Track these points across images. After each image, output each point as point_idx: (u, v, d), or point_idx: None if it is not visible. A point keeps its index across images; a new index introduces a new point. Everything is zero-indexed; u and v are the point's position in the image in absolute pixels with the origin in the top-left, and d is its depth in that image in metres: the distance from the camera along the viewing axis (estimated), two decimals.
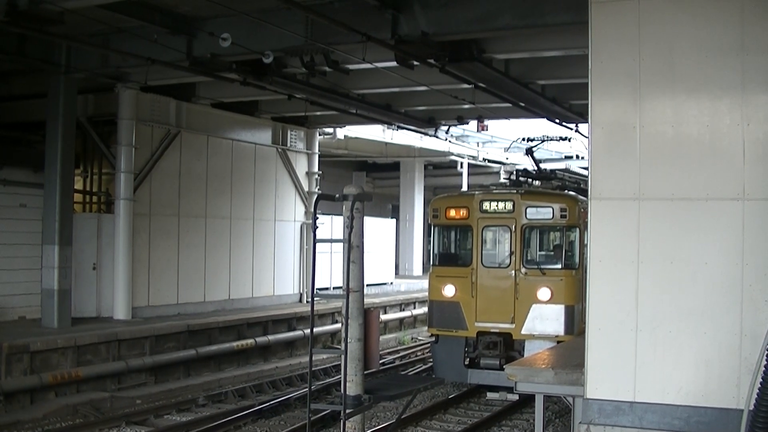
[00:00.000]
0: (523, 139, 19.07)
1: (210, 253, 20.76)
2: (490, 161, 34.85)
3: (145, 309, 18.73)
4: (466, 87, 16.95)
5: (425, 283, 17.34)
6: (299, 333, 20.39)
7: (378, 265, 28.80)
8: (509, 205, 14.88)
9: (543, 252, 15.36)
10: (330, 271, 24.61)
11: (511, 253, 14.77)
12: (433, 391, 15.54)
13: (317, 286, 22.54)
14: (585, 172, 24.94)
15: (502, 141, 33.93)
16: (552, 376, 8.70)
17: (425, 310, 19.88)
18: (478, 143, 34.23)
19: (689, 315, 7.43)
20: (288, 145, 23.68)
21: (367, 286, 11.30)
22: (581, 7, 8.37)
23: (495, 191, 15.61)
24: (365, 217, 7.95)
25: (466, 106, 19.51)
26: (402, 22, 12.94)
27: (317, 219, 8.12)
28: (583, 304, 11.29)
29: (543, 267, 14.71)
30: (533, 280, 14.53)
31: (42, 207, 17.08)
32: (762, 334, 6.80)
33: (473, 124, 28.24)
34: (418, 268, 35.21)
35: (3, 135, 18.97)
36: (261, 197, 22.72)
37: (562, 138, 19.09)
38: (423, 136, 27.81)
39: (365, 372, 7.83)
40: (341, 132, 26.66)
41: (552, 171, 19.39)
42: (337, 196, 7.74)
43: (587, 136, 8.28)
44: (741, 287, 7.25)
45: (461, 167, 33.38)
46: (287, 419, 13.94)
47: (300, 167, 24.28)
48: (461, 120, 23.33)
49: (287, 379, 17.26)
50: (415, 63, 14.58)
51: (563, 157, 33.83)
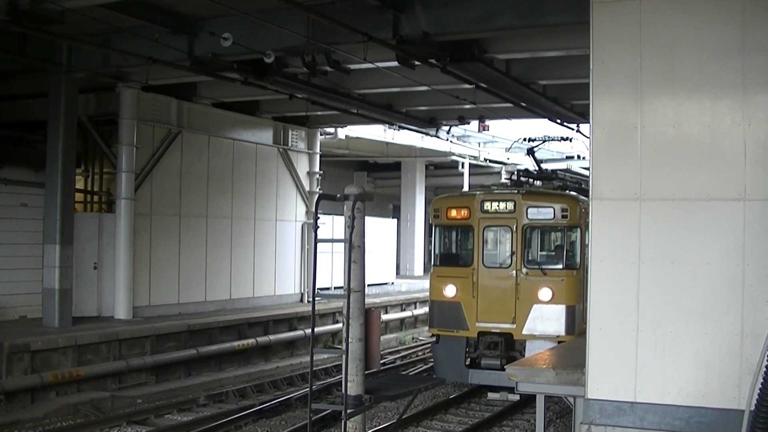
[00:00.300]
0: (525, 140, 19.05)
1: (211, 253, 20.77)
2: (491, 161, 34.82)
3: (146, 308, 18.74)
4: (467, 87, 16.94)
5: (426, 283, 17.33)
6: (300, 333, 20.39)
7: (379, 265, 28.80)
8: (510, 206, 14.87)
9: (544, 252, 15.35)
10: (331, 271, 24.59)
11: (512, 254, 14.76)
12: (434, 391, 15.54)
13: (318, 286, 22.61)
14: (586, 172, 24.93)
15: (503, 141, 33.91)
16: (553, 376, 8.70)
17: (426, 310, 19.88)
18: (479, 143, 34.21)
19: (690, 315, 7.43)
20: (289, 145, 23.68)
21: (368, 286, 11.28)
22: (582, 7, 8.37)
23: (496, 191, 15.59)
24: (366, 217, 7.94)
25: (467, 106, 19.50)
26: (403, 22, 12.95)
27: (318, 219, 8.12)
28: (584, 304, 11.30)
29: (544, 267, 14.70)
30: (534, 280, 14.52)
31: (43, 206, 17.09)
32: (763, 334, 6.80)
33: (474, 124, 28.21)
34: (419, 268, 35.19)
35: (4, 134, 18.96)
36: (262, 197, 22.71)
37: (563, 138, 19.08)
38: (424, 136, 27.81)
39: (366, 372, 7.83)
40: (342, 132, 26.65)
41: (553, 171, 19.39)
42: (339, 196, 7.74)
43: (588, 136, 8.28)
44: (742, 288, 7.25)
45: (462, 167, 33.35)
46: (288, 419, 13.94)
47: (301, 167, 24.29)
48: (462, 120, 23.32)
49: (288, 379, 17.26)
50: (417, 63, 14.58)
51: (564, 158, 33.84)
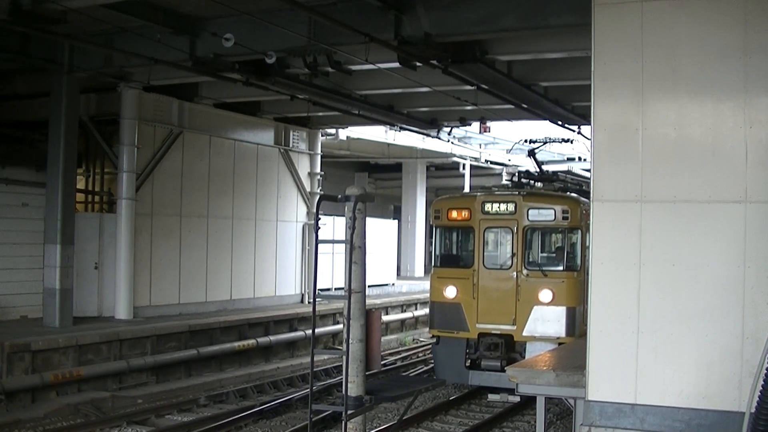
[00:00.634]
0: (526, 141, 19.05)
1: (212, 253, 20.77)
2: (492, 163, 34.79)
3: (147, 309, 18.74)
4: (468, 88, 16.94)
5: (427, 285, 17.31)
6: (300, 333, 20.39)
7: (380, 266, 28.80)
8: (511, 207, 14.86)
9: (545, 254, 15.34)
10: (332, 272, 24.59)
11: (513, 255, 14.75)
12: (435, 393, 15.54)
13: (319, 286, 22.59)
14: (587, 174, 24.94)
15: (504, 142, 33.87)
16: (553, 377, 8.69)
17: (427, 311, 19.86)
18: (480, 145, 34.18)
19: (691, 317, 7.42)
20: (290, 146, 23.68)
21: (369, 287, 11.26)
22: (584, 9, 8.36)
23: (497, 193, 15.60)
24: (367, 218, 7.93)
25: (468, 107, 19.49)
26: (405, 23, 12.95)
27: (319, 220, 8.10)
28: (585, 306, 11.30)
29: (545, 269, 14.69)
30: (535, 281, 14.51)
31: (44, 206, 17.10)
32: (763, 336, 6.79)
33: (476, 125, 28.16)
34: (419, 269, 35.18)
35: (5, 134, 18.95)
36: (263, 197, 22.72)
37: (564, 140, 19.08)
38: (425, 137, 27.78)
39: (366, 373, 7.82)
40: (344, 133, 26.65)
41: (554, 173, 19.41)
42: (340, 196, 7.73)
43: (589, 138, 8.28)
44: (743, 290, 7.23)
45: (463, 168, 33.37)
46: (288, 420, 13.94)
47: (302, 168, 24.29)
48: (464, 121, 23.33)
49: (288, 380, 17.27)
50: (418, 64, 14.58)
51: (565, 159, 33.83)
